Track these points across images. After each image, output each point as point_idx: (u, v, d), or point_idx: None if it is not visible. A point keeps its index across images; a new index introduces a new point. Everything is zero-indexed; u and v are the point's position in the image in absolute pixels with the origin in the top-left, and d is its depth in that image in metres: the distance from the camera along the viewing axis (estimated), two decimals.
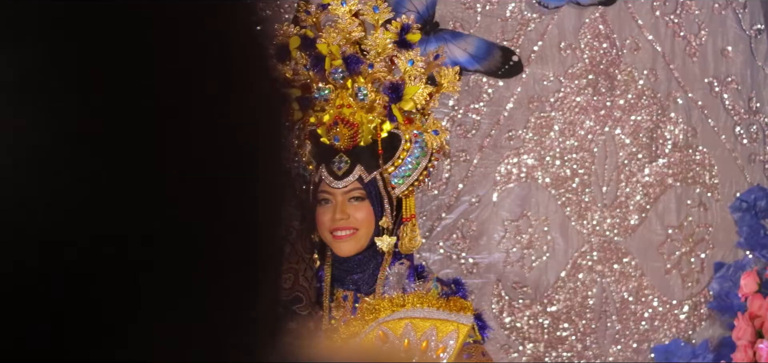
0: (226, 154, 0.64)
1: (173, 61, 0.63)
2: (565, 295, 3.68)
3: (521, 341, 3.68)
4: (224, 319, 0.64)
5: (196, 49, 0.64)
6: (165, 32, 0.63)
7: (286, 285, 3.00)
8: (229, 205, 0.64)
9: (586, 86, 3.67)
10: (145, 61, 0.62)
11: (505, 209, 3.67)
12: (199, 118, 0.63)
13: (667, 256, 3.72)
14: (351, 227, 3.03)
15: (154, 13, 0.63)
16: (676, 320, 3.72)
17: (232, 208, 0.64)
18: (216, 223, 0.64)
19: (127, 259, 0.61)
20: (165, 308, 0.61)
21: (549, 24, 3.64)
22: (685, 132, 3.71)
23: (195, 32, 0.65)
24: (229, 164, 0.64)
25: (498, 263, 3.67)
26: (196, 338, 0.63)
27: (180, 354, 0.62)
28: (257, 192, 0.66)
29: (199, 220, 0.63)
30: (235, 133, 0.65)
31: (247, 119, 0.66)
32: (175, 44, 0.63)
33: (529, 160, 3.66)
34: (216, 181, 0.64)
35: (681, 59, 3.70)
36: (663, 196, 3.72)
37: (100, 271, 0.60)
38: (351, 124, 3.03)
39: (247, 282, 0.66)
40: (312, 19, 3.15)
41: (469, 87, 3.62)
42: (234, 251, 0.64)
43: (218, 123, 0.64)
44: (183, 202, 0.62)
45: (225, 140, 0.64)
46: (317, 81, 3.07)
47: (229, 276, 0.64)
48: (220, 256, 0.64)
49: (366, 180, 3.04)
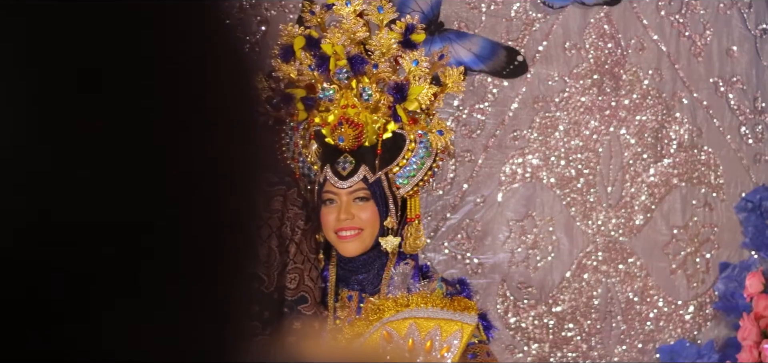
0: (199, 161, 0.64)
1: (168, 65, 0.63)
2: (570, 295, 3.68)
3: (526, 341, 3.67)
4: (194, 318, 0.64)
5: (183, 56, 0.65)
6: (164, 37, 0.63)
7: (291, 285, 3.01)
8: (199, 208, 0.64)
9: (591, 86, 3.67)
10: (143, 66, 0.62)
11: (510, 209, 3.67)
12: (178, 127, 0.63)
13: (673, 256, 3.72)
14: (356, 227, 3.03)
15: (155, 15, 0.63)
16: (682, 320, 3.72)
17: (201, 211, 0.64)
18: (186, 226, 0.64)
19: (98, 261, 0.61)
20: (133, 308, 0.62)
21: (554, 24, 3.64)
22: (690, 132, 3.71)
23: (185, 44, 0.65)
24: (203, 171, 0.64)
25: (503, 263, 3.67)
26: (166, 337, 0.63)
27: (149, 353, 0.62)
28: (228, 197, 0.66)
29: (167, 224, 0.63)
30: (212, 145, 0.65)
31: (221, 136, 0.66)
32: (170, 50, 0.64)
33: (534, 160, 3.66)
34: (189, 187, 0.64)
35: (686, 59, 3.70)
36: (668, 196, 3.71)
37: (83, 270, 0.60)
38: (355, 125, 3.03)
39: (216, 282, 0.66)
40: (316, 20, 3.15)
41: (474, 87, 3.62)
42: (203, 253, 0.64)
43: (196, 133, 0.64)
44: (157, 206, 0.62)
45: (200, 150, 0.64)
46: (322, 81, 3.07)
47: (197, 276, 0.64)
48: (189, 257, 0.64)
49: (371, 180, 3.04)
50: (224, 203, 0.65)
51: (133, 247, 0.61)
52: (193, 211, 0.63)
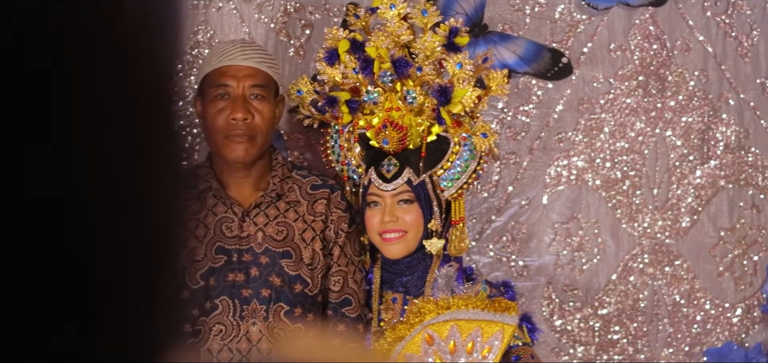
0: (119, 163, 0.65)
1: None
2: (616, 297, 3.66)
3: (572, 344, 3.66)
4: (124, 317, 0.65)
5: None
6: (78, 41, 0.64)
7: (335, 288, 3.02)
8: (128, 211, 0.65)
9: (636, 88, 3.65)
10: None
11: (556, 212, 3.66)
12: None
13: (720, 259, 3.69)
14: (400, 230, 3.04)
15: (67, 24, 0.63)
16: (729, 323, 3.69)
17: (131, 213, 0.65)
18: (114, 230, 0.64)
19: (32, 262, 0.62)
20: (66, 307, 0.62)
21: (599, 25, 3.63)
22: (737, 133, 3.68)
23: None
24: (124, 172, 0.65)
25: (548, 266, 3.66)
26: (96, 337, 0.63)
27: (79, 354, 0.63)
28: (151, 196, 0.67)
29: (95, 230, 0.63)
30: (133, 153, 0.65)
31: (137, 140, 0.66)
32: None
33: (579, 163, 3.65)
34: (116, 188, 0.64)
35: (732, 60, 3.67)
36: (715, 198, 3.69)
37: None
38: (400, 127, 3.04)
39: (146, 281, 0.66)
40: (361, 23, 3.16)
41: (519, 89, 3.61)
42: (132, 253, 0.65)
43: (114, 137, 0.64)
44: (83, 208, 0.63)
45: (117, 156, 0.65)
46: (366, 84, 3.08)
47: (127, 276, 0.65)
48: (119, 258, 0.64)
49: (415, 182, 3.05)
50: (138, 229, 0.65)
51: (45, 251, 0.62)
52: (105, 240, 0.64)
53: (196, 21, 3.49)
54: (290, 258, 2.96)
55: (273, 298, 2.94)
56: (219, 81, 2.97)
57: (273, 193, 3.00)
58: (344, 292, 3.02)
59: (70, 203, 0.61)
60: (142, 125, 0.66)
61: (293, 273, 2.96)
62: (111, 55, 0.66)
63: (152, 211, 0.66)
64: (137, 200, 0.65)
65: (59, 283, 0.61)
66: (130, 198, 0.65)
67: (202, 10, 3.49)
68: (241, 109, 2.93)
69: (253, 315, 2.93)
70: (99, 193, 0.63)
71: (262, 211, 2.99)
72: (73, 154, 0.61)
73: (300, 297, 2.96)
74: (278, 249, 2.96)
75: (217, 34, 3.49)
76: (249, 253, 2.95)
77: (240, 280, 2.94)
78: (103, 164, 0.63)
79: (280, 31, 3.52)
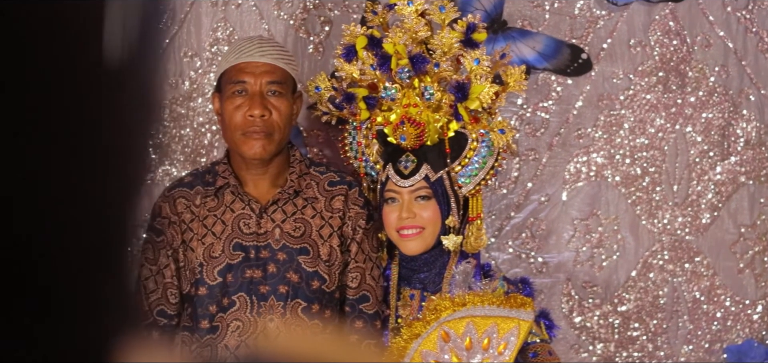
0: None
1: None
2: (636, 294, 3.65)
3: (591, 341, 3.65)
4: (70, 314, 0.65)
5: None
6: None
7: (353, 284, 3.02)
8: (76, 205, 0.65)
9: (656, 84, 3.64)
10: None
11: (575, 208, 3.65)
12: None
13: (740, 255, 3.67)
14: (417, 226, 3.04)
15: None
16: (749, 320, 3.67)
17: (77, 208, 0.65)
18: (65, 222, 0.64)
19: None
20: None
21: (618, 21, 3.61)
22: (757, 129, 3.66)
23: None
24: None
25: (568, 262, 3.65)
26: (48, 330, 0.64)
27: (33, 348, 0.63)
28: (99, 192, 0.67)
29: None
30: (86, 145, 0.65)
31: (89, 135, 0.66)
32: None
33: (599, 159, 3.64)
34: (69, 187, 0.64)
35: (753, 55, 3.65)
36: (735, 194, 3.67)
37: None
38: (417, 124, 3.04)
39: (93, 270, 0.67)
40: (379, 19, 3.16)
41: (538, 85, 3.61)
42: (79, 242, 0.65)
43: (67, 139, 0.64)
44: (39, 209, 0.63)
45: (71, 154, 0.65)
46: (384, 80, 3.08)
47: (74, 272, 0.65)
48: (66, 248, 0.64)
49: (432, 179, 3.05)
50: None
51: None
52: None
53: (215, 18, 3.50)
54: (308, 254, 2.96)
55: (290, 294, 2.94)
56: (236, 78, 2.97)
57: (291, 190, 3.01)
58: (362, 289, 3.02)
59: (19, 200, 0.62)
60: (87, 122, 0.66)
61: (311, 269, 2.96)
62: (60, 50, 0.66)
63: (101, 208, 0.67)
64: (85, 197, 0.65)
65: (4, 280, 0.62)
66: (78, 195, 0.65)
67: (221, 7, 3.50)
68: (259, 106, 2.94)
69: (270, 311, 2.94)
70: (48, 190, 0.63)
71: (280, 208, 3.00)
72: (21, 152, 0.62)
73: (317, 293, 2.96)
74: (296, 245, 2.97)
75: (236, 30, 3.50)
76: (266, 250, 2.96)
77: (257, 277, 2.94)
78: (51, 163, 0.63)
79: (299, 28, 3.52)
